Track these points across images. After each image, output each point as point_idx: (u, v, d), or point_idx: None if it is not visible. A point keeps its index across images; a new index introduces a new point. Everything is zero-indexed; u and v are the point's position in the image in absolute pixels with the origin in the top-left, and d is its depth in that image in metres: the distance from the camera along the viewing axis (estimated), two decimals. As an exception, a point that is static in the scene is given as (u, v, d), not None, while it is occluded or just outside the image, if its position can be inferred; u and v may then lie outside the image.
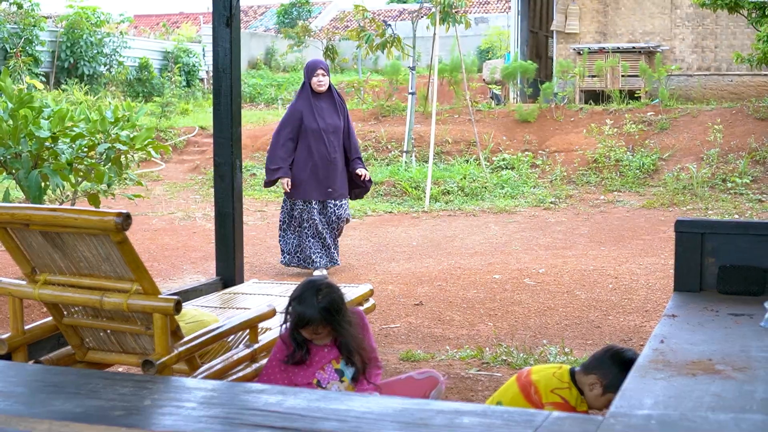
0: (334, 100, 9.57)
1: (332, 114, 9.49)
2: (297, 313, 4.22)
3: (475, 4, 39.75)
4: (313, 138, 9.36)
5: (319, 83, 9.38)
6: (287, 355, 4.37)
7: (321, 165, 9.38)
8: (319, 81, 9.38)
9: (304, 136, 9.39)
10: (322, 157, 9.38)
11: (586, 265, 9.61)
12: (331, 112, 9.50)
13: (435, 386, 4.48)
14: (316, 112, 9.39)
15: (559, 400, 4.13)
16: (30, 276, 4.34)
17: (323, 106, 9.45)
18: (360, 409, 2.33)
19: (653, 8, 21.30)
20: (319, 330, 4.25)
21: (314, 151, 9.36)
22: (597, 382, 4.16)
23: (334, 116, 9.49)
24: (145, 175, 16.69)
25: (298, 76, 30.23)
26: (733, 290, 4.51)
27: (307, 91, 9.47)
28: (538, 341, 6.83)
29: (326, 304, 4.21)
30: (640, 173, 15.52)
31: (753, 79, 20.22)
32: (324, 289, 4.26)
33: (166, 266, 10.03)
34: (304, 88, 9.52)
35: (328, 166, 9.40)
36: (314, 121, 9.37)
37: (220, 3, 6.56)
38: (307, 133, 9.37)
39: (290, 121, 9.43)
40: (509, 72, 20.76)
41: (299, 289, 4.31)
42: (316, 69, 9.42)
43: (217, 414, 2.33)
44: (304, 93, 9.51)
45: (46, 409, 2.35)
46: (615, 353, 4.24)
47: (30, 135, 7.99)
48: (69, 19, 24.58)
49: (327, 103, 9.49)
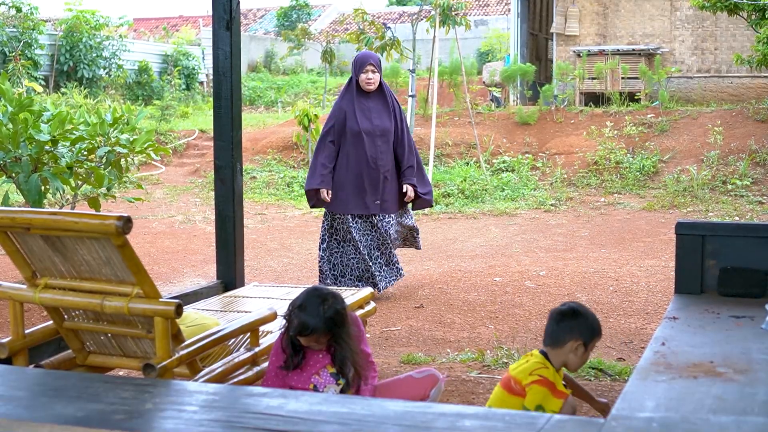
0: (386, 99, 8.36)
1: (381, 115, 8.28)
2: (300, 321, 4.16)
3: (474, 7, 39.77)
4: (355, 142, 8.20)
5: (368, 81, 8.21)
6: (284, 361, 4.35)
7: (364, 173, 8.19)
8: (368, 78, 8.20)
9: (346, 140, 8.22)
10: (365, 164, 8.20)
11: (586, 268, 9.61)
12: (380, 112, 8.28)
13: (435, 384, 4.46)
14: (361, 113, 8.22)
15: (537, 377, 4.17)
16: (30, 280, 4.34)
17: (371, 106, 8.28)
18: (361, 412, 2.33)
19: (653, 10, 21.31)
20: (321, 339, 4.23)
21: (356, 157, 8.20)
22: (577, 343, 4.21)
23: (383, 117, 8.28)
24: (145, 178, 16.70)
25: (298, 79, 30.26)
26: (734, 292, 4.51)
27: (353, 89, 8.29)
28: (539, 344, 6.81)
29: (332, 314, 4.16)
30: (640, 175, 15.52)
31: (753, 81, 20.22)
32: (330, 299, 4.20)
33: (167, 269, 10.02)
34: (351, 85, 8.32)
35: (372, 175, 8.19)
36: (357, 123, 8.18)
37: (220, 6, 6.56)
38: (349, 136, 8.20)
39: (332, 122, 8.29)
40: (509, 74, 20.78)
41: (303, 296, 4.24)
42: (365, 64, 8.20)
43: (218, 417, 2.33)
44: (349, 90, 8.32)
45: (47, 413, 2.35)
46: (563, 312, 4.33)
47: (30, 139, 7.99)
48: (68, 23, 24.59)
49: (376, 103, 8.30)
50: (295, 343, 4.30)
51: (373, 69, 8.17)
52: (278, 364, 4.37)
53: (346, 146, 8.21)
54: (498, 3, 40.55)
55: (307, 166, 17.46)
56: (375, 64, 8.22)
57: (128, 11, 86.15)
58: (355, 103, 8.21)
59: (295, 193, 15.97)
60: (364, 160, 8.17)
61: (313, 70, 32.68)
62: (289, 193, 16.01)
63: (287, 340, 4.31)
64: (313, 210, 14.44)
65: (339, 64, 30.27)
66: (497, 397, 4.28)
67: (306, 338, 4.24)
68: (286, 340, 4.31)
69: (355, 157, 8.19)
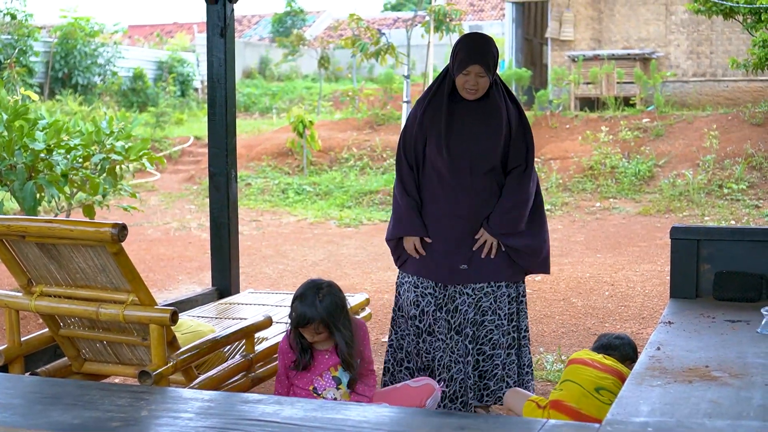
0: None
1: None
2: (298, 312, 4.23)
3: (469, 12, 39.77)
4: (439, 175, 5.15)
5: (470, 88, 5.05)
6: (293, 361, 4.38)
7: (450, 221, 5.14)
8: (470, 85, 5.04)
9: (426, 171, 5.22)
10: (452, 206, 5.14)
11: (582, 273, 9.61)
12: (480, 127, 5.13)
13: (431, 394, 4.47)
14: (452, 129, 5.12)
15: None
16: (26, 287, 4.34)
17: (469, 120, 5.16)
18: (356, 419, 2.33)
19: (648, 15, 21.33)
20: (320, 329, 4.25)
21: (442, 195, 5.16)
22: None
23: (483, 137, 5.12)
24: (140, 185, 16.69)
25: (293, 85, 30.25)
26: (730, 297, 4.52)
27: (445, 90, 5.15)
28: (535, 349, 6.82)
29: (327, 303, 4.23)
30: (636, 180, 15.53)
31: (749, 85, 20.25)
32: (325, 288, 4.28)
33: (162, 277, 10.02)
34: (442, 89, 5.18)
35: (460, 224, 5.11)
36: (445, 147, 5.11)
37: (215, 13, 6.56)
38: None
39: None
40: (504, 79, 20.75)
41: (301, 288, 4.32)
42: (469, 62, 5.00)
43: (213, 424, 2.33)
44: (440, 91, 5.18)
45: (43, 421, 2.35)
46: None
47: (25, 147, 7.98)
48: (63, 30, 24.56)
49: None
50: (303, 342, 4.33)
51: (480, 71, 4.99)
52: (287, 364, 4.42)
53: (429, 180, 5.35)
54: (493, 8, 40.58)
55: (302, 172, 17.49)
56: (483, 64, 5.01)
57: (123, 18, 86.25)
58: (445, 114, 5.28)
59: (290, 199, 15.96)
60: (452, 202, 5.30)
61: (308, 76, 32.68)
62: (284, 200, 16.00)
63: (294, 337, 4.35)
64: (308, 217, 14.45)
65: (334, 70, 30.26)
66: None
67: (307, 331, 4.26)
68: (293, 337, 4.35)
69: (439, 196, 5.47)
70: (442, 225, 5.06)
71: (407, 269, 5.17)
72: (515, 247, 5.08)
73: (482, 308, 5.05)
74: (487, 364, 5.05)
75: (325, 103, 25.13)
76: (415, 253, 5.07)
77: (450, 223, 5.05)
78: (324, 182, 16.66)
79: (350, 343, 4.30)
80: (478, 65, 4.96)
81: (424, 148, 5.12)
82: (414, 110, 5.24)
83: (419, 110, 5.18)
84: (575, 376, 4.30)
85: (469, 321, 5.03)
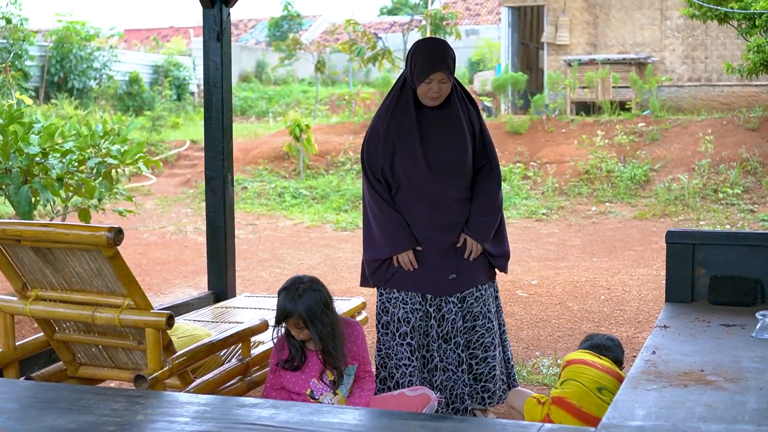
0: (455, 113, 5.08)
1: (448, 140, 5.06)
2: (278, 305, 4.31)
3: (465, 16, 39.80)
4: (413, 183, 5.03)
5: (434, 95, 4.95)
6: (283, 359, 4.39)
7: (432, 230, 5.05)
8: (433, 92, 4.94)
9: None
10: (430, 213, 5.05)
11: (578, 277, 9.62)
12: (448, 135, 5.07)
13: (427, 404, 4.45)
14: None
15: None
16: (21, 291, 4.33)
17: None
18: (352, 422, 2.33)
19: (643, 19, 21.36)
20: (299, 324, 4.26)
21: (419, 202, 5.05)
22: None
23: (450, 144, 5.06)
24: (136, 189, 16.68)
25: (289, 89, 30.24)
26: (725, 301, 4.53)
27: (407, 100, 5.02)
28: (531, 353, 6.83)
29: (307, 297, 4.27)
30: (631, 184, 15.54)
31: (743, 90, 20.27)
32: (306, 282, 4.35)
33: (158, 280, 10.01)
34: (403, 99, 5.03)
35: (442, 234, 5.03)
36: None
37: (211, 17, 6.56)
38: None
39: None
40: (500, 84, 20.81)
41: (285, 283, 4.39)
42: (430, 71, 4.87)
43: (209, 429, 2.33)
44: (402, 101, 5.04)
45: (38, 425, 2.35)
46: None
47: (20, 151, 7.98)
48: (58, 34, 24.54)
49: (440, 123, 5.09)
50: (293, 341, 4.36)
51: (442, 77, 4.90)
52: (274, 361, 4.46)
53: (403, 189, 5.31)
54: (489, 12, 40.60)
55: (298, 176, 17.50)
56: (444, 69, 4.93)
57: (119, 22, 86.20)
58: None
59: (287, 203, 15.96)
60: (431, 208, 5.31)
61: (305, 80, 32.66)
62: (280, 204, 16.00)
63: (285, 333, 4.41)
64: (304, 221, 14.44)
65: (330, 74, 30.25)
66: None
67: (290, 325, 4.32)
68: (285, 333, 4.42)
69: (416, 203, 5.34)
70: (425, 237, 4.96)
71: (393, 285, 4.99)
72: (491, 252, 5.15)
73: (473, 314, 5.02)
74: (482, 367, 5.03)
75: (322, 107, 25.13)
76: (410, 267, 4.94)
77: (432, 234, 4.96)
78: (320, 186, 16.66)
79: (326, 339, 4.30)
80: (440, 72, 4.86)
81: (391, 162, 4.97)
82: (374, 124, 5.08)
83: (381, 124, 5.01)
84: (578, 375, 4.32)
85: (459, 330, 4.99)
